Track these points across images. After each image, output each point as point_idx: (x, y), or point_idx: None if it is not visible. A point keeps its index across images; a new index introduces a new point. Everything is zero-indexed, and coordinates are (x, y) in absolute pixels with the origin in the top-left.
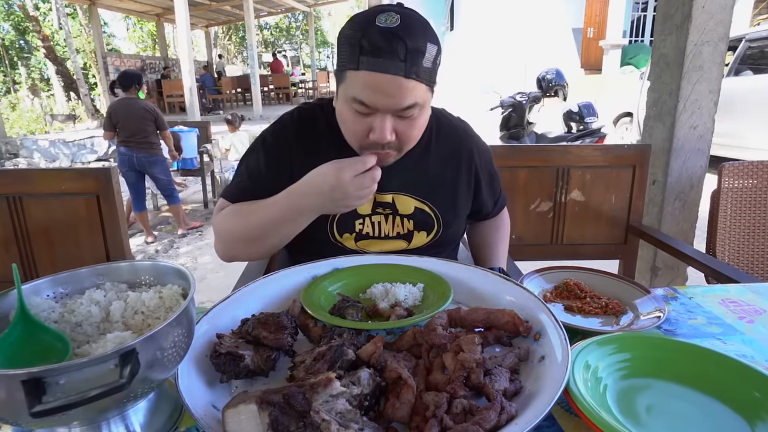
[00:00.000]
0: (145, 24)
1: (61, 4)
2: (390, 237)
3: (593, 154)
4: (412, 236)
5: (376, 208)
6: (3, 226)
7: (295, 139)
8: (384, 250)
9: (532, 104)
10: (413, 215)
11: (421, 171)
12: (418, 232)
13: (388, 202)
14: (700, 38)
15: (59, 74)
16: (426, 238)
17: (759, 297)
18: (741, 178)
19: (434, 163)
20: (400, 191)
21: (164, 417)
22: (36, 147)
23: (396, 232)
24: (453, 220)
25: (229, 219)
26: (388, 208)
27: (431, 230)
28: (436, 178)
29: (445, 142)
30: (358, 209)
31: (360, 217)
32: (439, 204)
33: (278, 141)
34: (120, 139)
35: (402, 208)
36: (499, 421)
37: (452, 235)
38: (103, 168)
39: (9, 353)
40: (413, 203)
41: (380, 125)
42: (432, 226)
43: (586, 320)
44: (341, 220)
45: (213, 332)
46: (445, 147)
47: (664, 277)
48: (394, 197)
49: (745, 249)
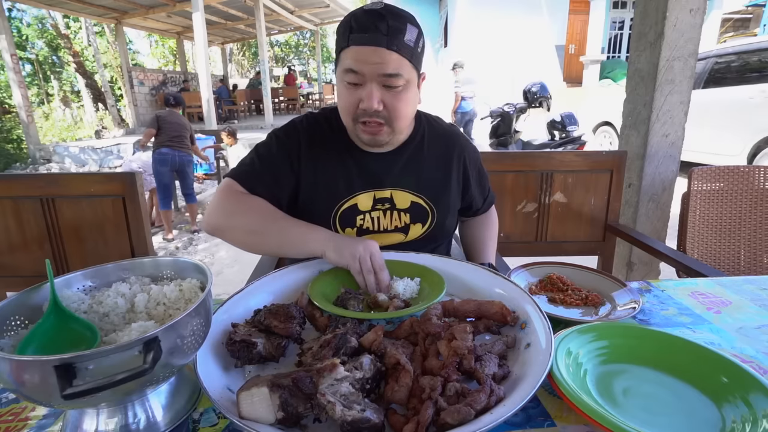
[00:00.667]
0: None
1: (90, 23)
2: (389, 230)
3: (574, 159)
4: (408, 229)
5: (375, 204)
6: (37, 225)
7: (305, 141)
8: (383, 243)
9: (518, 114)
10: (410, 209)
11: (416, 168)
12: (413, 225)
13: (387, 198)
14: (671, 54)
15: (88, 87)
16: (421, 230)
17: (725, 290)
18: (709, 182)
19: (428, 161)
20: (397, 187)
21: (184, 399)
22: (67, 153)
23: (394, 225)
24: (446, 214)
25: (240, 208)
26: (387, 203)
27: (426, 222)
28: (430, 174)
29: (437, 143)
30: (359, 205)
31: (361, 213)
32: (433, 197)
33: (290, 139)
34: (161, 142)
35: (399, 202)
36: (489, 402)
37: (445, 229)
38: (129, 172)
39: (43, 341)
40: (410, 197)
41: (368, 93)
42: (426, 218)
43: (568, 311)
44: (344, 216)
45: (228, 322)
46: (437, 147)
47: (638, 272)
48: (392, 192)
49: (712, 246)
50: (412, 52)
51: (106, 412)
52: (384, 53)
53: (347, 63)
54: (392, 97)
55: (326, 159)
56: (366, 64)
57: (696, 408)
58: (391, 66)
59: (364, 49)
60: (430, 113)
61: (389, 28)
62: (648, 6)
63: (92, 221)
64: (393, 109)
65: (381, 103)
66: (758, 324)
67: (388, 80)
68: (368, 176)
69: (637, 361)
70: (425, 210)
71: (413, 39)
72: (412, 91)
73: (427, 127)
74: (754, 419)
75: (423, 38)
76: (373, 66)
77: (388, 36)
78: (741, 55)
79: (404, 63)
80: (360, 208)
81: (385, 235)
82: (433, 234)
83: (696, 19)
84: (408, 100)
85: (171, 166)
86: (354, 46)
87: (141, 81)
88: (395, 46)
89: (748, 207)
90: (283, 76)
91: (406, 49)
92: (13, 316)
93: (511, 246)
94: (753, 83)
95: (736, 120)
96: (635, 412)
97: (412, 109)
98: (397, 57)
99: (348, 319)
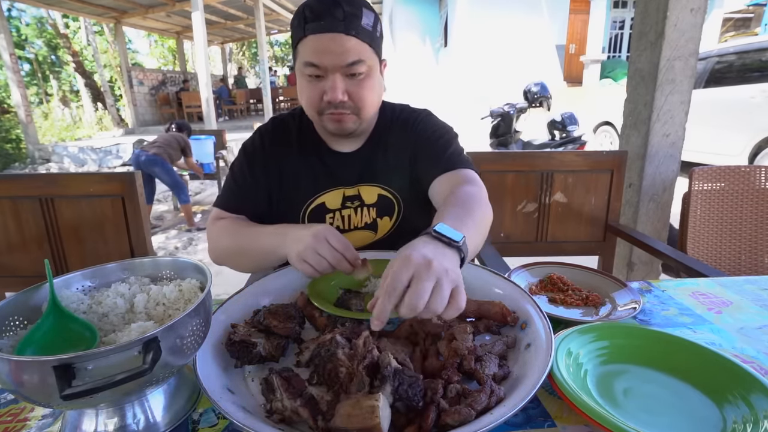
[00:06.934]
0: (166, 41)
1: (89, 22)
2: (358, 228)
3: (575, 159)
4: (376, 225)
5: (345, 202)
6: (36, 225)
7: (270, 146)
8: (354, 243)
9: (519, 114)
10: (376, 203)
11: (379, 160)
12: (381, 219)
13: (355, 195)
14: (672, 54)
15: (87, 86)
16: (390, 224)
17: (726, 290)
18: (710, 182)
19: (392, 151)
20: (364, 182)
21: (183, 399)
22: (66, 153)
23: (364, 222)
24: (413, 203)
25: (219, 234)
26: (356, 200)
27: (393, 214)
28: (391, 164)
29: (394, 131)
30: (327, 203)
31: (330, 211)
32: (398, 187)
33: (254, 148)
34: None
35: (367, 197)
36: (489, 403)
37: (414, 222)
38: (128, 172)
39: (42, 341)
40: (376, 191)
41: (332, 85)
42: (393, 209)
43: (568, 311)
44: (313, 215)
45: (228, 322)
46: (394, 135)
47: (639, 272)
48: (359, 188)
49: (713, 246)
50: (371, 36)
51: (106, 412)
52: (343, 39)
53: (306, 55)
54: (356, 86)
55: (291, 160)
56: (326, 55)
57: (697, 408)
58: (352, 53)
59: (322, 38)
60: (395, 102)
61: (345, 14)
62: (649, 5)
63: (91, 221)
64: (359, 99)
65: (345, 93)
66: (759, 324)
67: (350, 69)
68: (334, 174)
69: (638, 361)
70: (391, 201)
71: (371, 23)
72: (375, 77)
73: (391, 117)
74: (755, 420)
75: (380, 23)
76: (333, 56)
77: (345, 21)
78: (742, 54)
79: (365, 48)
80: (328, 206)
81: (356, 233)
82: (402, 227)
83: (697, 19)
84: (372, 87)
85: (136, 166)
86: (311, 35)
87: (140, 81)
88: (354, 31)
89: (749, 207)
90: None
91: (365, 33)
92: (12, 317)
93: (511, 246)
94: (754, 83)
95: (737, 120)
96: (636, 412)
97: (377, 97)
98: (357, 42)
99: (347, 319)
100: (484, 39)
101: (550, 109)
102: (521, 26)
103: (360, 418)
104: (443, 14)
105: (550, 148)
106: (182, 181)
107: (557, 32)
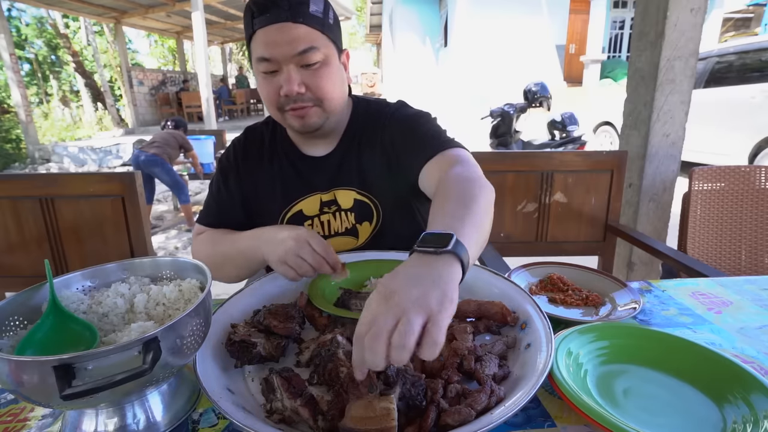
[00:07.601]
0: (166, 41)
1: (89, 22)
2: (339, 233)
3: (575, 159)
4: (356, 231)
5: (322, 207)
6: (36, 226)
7: (243, 159)
8: (336, 249)
9: (519, 114)
10: (353, 208)
11: (352, 162)
12: (360, 225)
13: (332, 200)
14: (672, 54)
15: (87, 86)
16: (370, 228)
17: (726, 290)
18: (710, 182)
19: (362, 152)
20: (338, 186)
21: (183, 399)
22: (66, 153)
23: (344, 227)
24: (393, 207)
25: (200, 247)
26: (333, 205)
27: (372, 219)
28: (369, 165)
29: (366, 129)
30: (304, 210)
31: (308, 218)
32: (374, 190)
33: (228, 161)
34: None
35: (343, 202)
36: (489, 403)
37: (395, 226)
38: (128, 172)
39: (42, 341)
40: (352, 195)
41: (286, 77)
42: (371, 214)
43: (568, 311)
44: (291, 222)
45: (228, 322)
46: (366, 133)
47: (639, 272)
48: (335, 193)
49: (713, 246)
50: (322, 22)
51: (106, 412)
52: (290, 28)
53: (258, 51)
54: (312, 76)
55: (264, 169)
56: (276, 47)
57: (697, 408)
58: (302, 41)
59: (270, 30)
60: (370, 97)
61: (291, 3)
62: (649, 5)
63: (91, 221)
64: (317, 88)
65: (302, 84)
66: (759, 324)
67: (303, 58)
68: (308, 180)
69: (638, 361)
70: (368, 206)
71: (320, 10)
72: (333, 65)
73: (364, 113)
74: (755, 420)
75: (333, 10)
76: (283, 46)
77: (290, 10)
78: (742, 54)
79: (315, 35)
80: (306, 213)
81: (338, 239)
82: (383, 233)
83: (697, 19)
84: (330, 76)
85: (135, 166)
86: (259, 29)
87: (140, 81)
88: (301, 18)
89: (749, 207)
90: None
91: (315, 20)
92: (12, 317)
93: (511, 246)
94: (754, 83)
95: (737, 120)
96: (636, 412)
97: (339, 88)
98: (306, 29)
99: (347, 319)
100: (484, 39)
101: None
102: (521, 26)
103: (376, 421)
104: (443, 14)
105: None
106: (182, 181)
107: (557, 32)
